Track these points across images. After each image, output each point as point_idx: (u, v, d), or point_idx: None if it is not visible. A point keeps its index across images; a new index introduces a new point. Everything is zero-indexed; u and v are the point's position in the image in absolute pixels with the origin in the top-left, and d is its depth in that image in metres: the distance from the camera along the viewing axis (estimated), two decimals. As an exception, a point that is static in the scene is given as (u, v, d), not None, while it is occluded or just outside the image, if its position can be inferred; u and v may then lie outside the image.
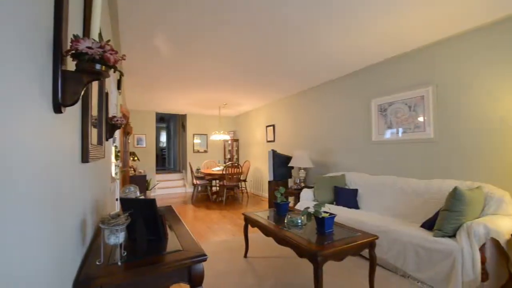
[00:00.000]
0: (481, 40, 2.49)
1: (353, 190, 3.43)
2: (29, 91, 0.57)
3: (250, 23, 2.41)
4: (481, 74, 2.50)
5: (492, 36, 2.41)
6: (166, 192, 7.35)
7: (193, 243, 1.27)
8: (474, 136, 2.55)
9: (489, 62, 2.44)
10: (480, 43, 2.50)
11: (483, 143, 2.48)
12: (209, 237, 3.45)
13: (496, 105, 2.40)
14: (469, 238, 1.87)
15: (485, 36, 2.46)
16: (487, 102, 2.46)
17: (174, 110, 7.28)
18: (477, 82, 2.53)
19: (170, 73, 3.85)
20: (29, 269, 0.55)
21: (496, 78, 2.40)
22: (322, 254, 1.69)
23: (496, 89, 2.39)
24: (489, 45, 2.44)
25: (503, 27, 2.34)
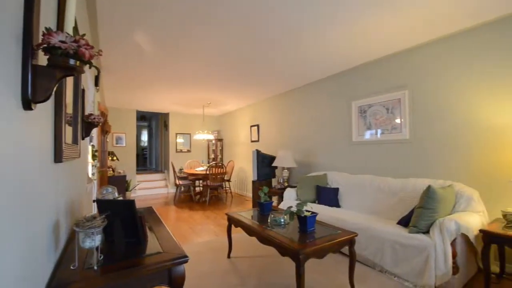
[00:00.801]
0: (454, 46, 2.64)
1: (334, 189, 3.51)
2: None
3: (235, 24, 2.40)
4: (453, 78, 2.65)
5: (464, 42, 2.57)
6: (148, 193, 7.15)
7: (174, 244, 1.25)
8: (446, 138, 2.70)
9: (460, 67, 2.59)
10: (453, 49, 2.65)
11: (454, 144, 2.63)
12: (192, 238, 3.40)
13: (466, 108, 2.55)
14: (442, 234, 1.98)
15: (458, 42, 2.61)
16: (458, 105, 2.61)
17: (156, 108, 7.10)
18: (449, 86, 2.68)
19: (151, 71, 3.75)
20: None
21: (466, 82, 2.55)
22: (304, 252, 1.72)
23: (466, 93, 2.55)
24: (461, 51, 2.59)
25: (474, 34, 2.50)
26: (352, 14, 2.27)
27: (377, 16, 2.30)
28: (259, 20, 2.36)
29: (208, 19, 2.33)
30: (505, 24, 2.29)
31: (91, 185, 2.81)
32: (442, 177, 2.68)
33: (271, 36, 2.69)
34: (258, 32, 2.60)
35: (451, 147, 2.65)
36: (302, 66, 3.66)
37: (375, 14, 2.26)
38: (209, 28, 2.49)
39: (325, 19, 2.34)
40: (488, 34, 2.40)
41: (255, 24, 2.42)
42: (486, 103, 2.42)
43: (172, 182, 7.17)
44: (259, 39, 2.75)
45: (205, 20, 2.34)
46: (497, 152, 2.34)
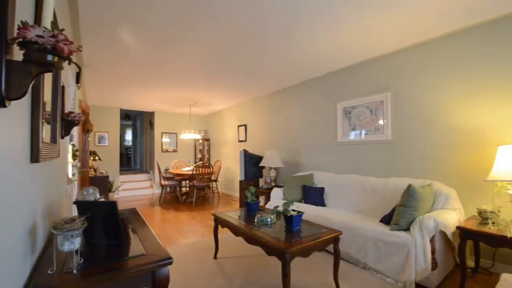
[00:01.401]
0: (433, 51, 2.75)
1: (320, 189, 3.57)
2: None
3: (222, 24, 2.39)
4: (432, 82, 2.76)
5: (442, 48, 2.68)
6: (132, 194, 6.97)
7: (158, 246, 1.22)
8: (426, 139, 2.81)
9: (440, 71, 2.71)
10: (432, 54, 2.76)
11: (433, 145, 2.75)
12: (178, 239, 3.35)
13: (444, 111, 2.67)
14: (421, 231, 2.06)
15: (436, 48, 2.73)
16: (437, 107, 2.72)
17: (141, 107, 6.93)
18: (429, 89, 2.79)
19: (136, 68, 3.66)
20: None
21: (445, 86, 2.67)
22: (290, 251, 1.73)
23: (445, 96, 2.67)
24: (439, 56, 2.71)
25: (451, 40, 2.62)
26: (338, 18, 2.31)
27: (362, 20, 2.36)
28: (247, 21, 2.36)
29: (195, 17, 2.30)
30: (479, 32, 2.41)
31: (71, 186, 2.71)
32: (422, 176, 2.78)
33: (258, 37, 2.70)
34: (246, 33, 2.59)
35: (430, 148, 2.77)
36: (289, 67, 3.70)
37: (360, 17, 2.32)
38: (196, 26, 2.47)
39: (312, 22, 2.38)
40: (463, 41, 2.52)
41: (243, 24, 2.42)
42: (463, 106, 2.54)
43: (158, 183, 7.03)
44: (247, 39, 2.74)
45: (192, 18, 2.31)
46: (473, 153, 2.46)
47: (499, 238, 1.83)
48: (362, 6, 2.15)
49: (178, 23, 2.40)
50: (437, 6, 2.15)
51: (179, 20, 2.34)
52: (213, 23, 2.41)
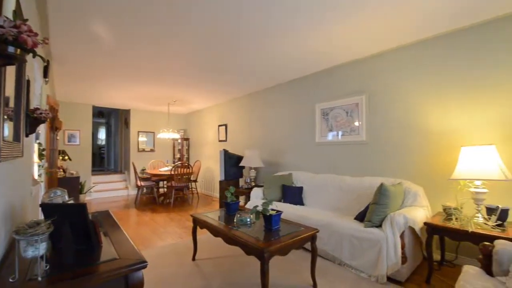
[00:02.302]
0: (406, 57, 2.91)
1: (299, 188, 3.64)
2: None
3: (202, 23, 2.35)
4: (405, 86, 2.92)
5: (415, 54, 2.85)
6: (105, 195, 6.65)
7: (132, 249, 1.18)
8: (397, 140, 2.96)
9: (411, 75, 2.87)
10: (405, 60, 2.92)
11: (404, 146, 2.91)
12: (154, 242, 3.25)
13: (415, 114, 2.84)
14: (392, 227, 2.17)
15: (409, 53, 2.89)
16: (408, 111, 2.89)
17: (116, 104, 6.63)
18: (401, 93, 2.95)
19: (110, 63, 3.49)
20: None
21: (416, 90, 2.83)
22: (268, 250, 1.75)
23: (416, 100, 2.83)
24: (412, 62, 2.87)
25: (423, 47, 2.78)
26: (309, 24, 2.37)
27: (339, 24, 2.43)
28: (227, 20, 2.34)
29: (174, 12, 2.24)
30: (450, 40, 2.59)
31: (37, 187, 2.53)
32: (393, 176, 2.94)
33: (240, 37, 2.69)
34: (226, 32, 2.58)
35: (402, 149, 2.93)
36: (269, 68, 3.73)
37: (337, 22, 2.39)
38: (175, 23, 2.41)
39: (284, 27, 2.42)
40: (432, 49, 2.69)
41: (223, 24, 2.40)
42: (431, 110, 2.71)
43: (133, 184, 6.76)
44: (227, 39, 2.73)
45: (170, 13, 2.25)
46: (439, 154, 2.64)
47: (462, 233, 1.98)
48: (334, 12, 2.21)
49: (157, 21, 2.33)
50: (410, 15, 2.27)
51: (158, 17, 2.27)
52: (192, 23, 2.37)
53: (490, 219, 2.00)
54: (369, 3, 2.09)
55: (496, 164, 2.00)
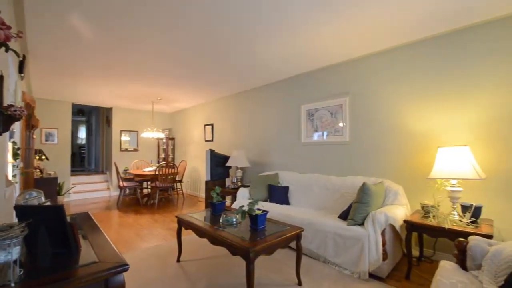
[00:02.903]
0: (386, 60, 3.01)
1: (285, 188, 3.67)
2: None
3: (189, 20, 2.32)
4: (385, 89, 3.02)
5: (394, 58, 2.95)
6: (85, 196, 6.40)
7: (113, 252, 1.14)
8: (379, 141, 3.06)
9: (391, 79, 2.97)
10: (386, 64, 3.02)
11: (385, 147, 3.01)
12: (138, 244, 3.16)
13: (395, 116, 2.94)
14: (374, 225, 2.24)
15: (389, 57, 2.99)
16: (389, 113, 2.99)
17: (97, 102, 6.40)
18: (382, 96, 3.04)
19: (92, 59, 3.36)
20: None
21: (396, 93, 2.93)
22: (254, 250, 1.75)
23: (396, 103, 2.93)
24: (391, 65, 2.97)
25: (402, 51, 2.89)
26: (301, 23, 2.40)
27: (325, 26, 2.48)
28: (215, 19, 2.32)
29: (159, 9, 2.20)
30: (426, 46, 2.70)
31: (11, 188, 2.39)
32: (375, 175, 3.03)
33: (226, 38, 2.67)
34: (213, 31, 2.55)
35: (383, 149, 3.02)
36: (256, 69, 3.74)
37: (323, 24, 2.44)
38: (160, 20, 2.36)
39: (280, 25, 2.43)
40: (412, 53, 2.80)
41: (210, 22, 2.38)
42: (411, 112, 2.82)
43: (115, 184, 6.56)
44: (214, 38, 2.70)
45: (155, 10, 2.20)
46: (418, 154, 2.75)
47: (438, 230, 2.08)
48: (320, 14, 2.26)
49: (141, 17, 2.27)
50: (389, 22, 2.35)
51: (142, 14, 2.21)
52: (179, 21, 2.33)
53: (464, 216, 2.10)
54: (353, 10, 2.14)
55: (470, 164, 2.11)
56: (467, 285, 1.38)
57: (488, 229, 1.95)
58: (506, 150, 2.22)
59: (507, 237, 2.14)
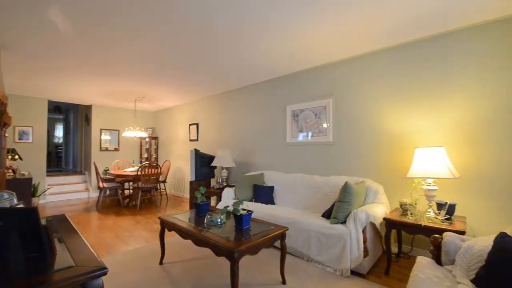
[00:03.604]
0: (368, 64, 3.11)
1: (270, 187, 3.69)
2: None
3: (173, 16, 2.27)
4: (367, 91, 3.12)
5: (375, 61, 3.05)
6: (62, 198, 6.11)
7: (91, 256, 1.10)
8: (361, 141, 3.15)
9: (372, 81, 3.07)
10: (368, 67, 3.11)
11: (366, 147, 3.10)
12: (118, 247, 3.06)
13: (375, 117, 3.04)
14: (355, 223, 2.30)
15: (371, 60, 3.09)
16: (370, 114, 3.08)
17: (75, 99, 6.13)
18: (364, 98, 3.14)
19: (70, 53, 3.21)
20: None
21: (377, 95, 3.03)
22: (238, 250, 1.75)
23: (376, 104, 3.03)
24: (372, 68, 3.07)
25: (383, 55, 2.99)
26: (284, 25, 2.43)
27: (309, 30, 2.52)
28: (201, 18, 2.29)
29: (142, 4, 2.14)
30: (404, 51, 2.81)
31: (-22, 191, 2.24)
32: (357, 174, 3.12)
33: (214, 36, 2.65)
34: (199, 29, 2.52)
35: (364, 149, 3.12)
36: (243, 69, 3.73)
37: (308, 27, 2.47)
38: (143, 15, 2.29)
39: (266, 25, 2.44)
40: (392, 57, 2.91)
41: (196, 21, 2.34)
42: (390, 114, 2.92)
43: (95, 185, 6.32)
44: (200, 36, 2.67)
45: (137, 5, 2.14)
46: (397, 154, 2.86)
47: (416, 227, 2.17)
48: (304, 15, 2.29)
49: (122, 12, 2.19)
50: (372, 27, 2.43)
51: (123, 8, 2.14)
52: (164, 17, 2.28)
53: (440, 213, 2.21)
54: (335, 14, 2.19)
55: (445, 164, 2.22)
56: (441, 279, 1.45)
57: (461, 226, 2.06)
58: (478, 151, 2.36)
59: (478, 233, 2.27)
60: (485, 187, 2.32)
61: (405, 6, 2.12)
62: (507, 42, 2.24)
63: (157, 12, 2.23)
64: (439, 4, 2.09)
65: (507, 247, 1.26)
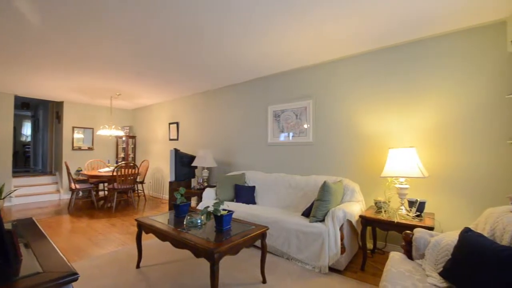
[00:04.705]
0: (345, 67, 3.21)
1: (251, 187, 3.70)
2: None
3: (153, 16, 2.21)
4: (344, 94, 3.22)
5: (351, 65, 3.16)
6: (31, 200, 5.72)
7: (60, 261, 1.04)
8: (339, 142, 3.25)
9: (349, 84, 3.18)
10: (344, 70, 3.22)
11: (343, 147, 3.20)
12: (92, 251, 2.92)
13: (352, 119, 3.15)
14: (333, 221, 2.37)
15: (347, 64, 3.19)
16: (347, 116, 3.19)
17: (45, 95, 5.75)
18: (342, 100, 3.24)
19: (39, 46, 3.00)
20: None
21: (353, 98, 3.14)
22: (218, 251, 1.73)
23: (352, 107, 3.14)
24: (349, 71, 3.18)
25: (358, 61, 3.10)
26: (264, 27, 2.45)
27: (289, 31, 2.55)
28: (183, 15, 2.24)
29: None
30: (379, 56, 2.94)
31: None
32: (336, 174, 3.21)
33: (196, 34, 2.60)
34: (181, 27, 2.47)
35: (343, 149, 3.22)
36: (225, 68, 3.70)
37: (287, 28, 2.51)
38: (122, 10, 2.20)
39: (248, 25, 2.44)
40: (366, 62, 3.03)
41: (178, 18, 2.29)
42: (366, 116, 3.04)
43: (67, 187, 5.98)
44: (182, 34, 2.61)
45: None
46: (373, 154, 2.98)
47: (389, 223, 2.28)
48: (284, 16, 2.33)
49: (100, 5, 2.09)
50: (347, 32, 2.52)
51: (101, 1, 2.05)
52: (144, 11, 2.20)
53: (411, 210, 2.34)
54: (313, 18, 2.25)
55: (416, 164, 2.35)
56: (412, 273, 1.54)
57: (430, 222, 2.19)
58: (446, 151, 2.53)
59: (445, 228, 2.43)
60: (452, 186, 2.48)
61: (381, 14, 2.22)
62: (470, 53, 2.42)
63: (135, 9, 2.15)
64: (412, 13, 2.20)
65: (470, 241, 1.36)
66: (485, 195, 2.32)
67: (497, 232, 1.38)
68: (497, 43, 2.29)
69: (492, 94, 2.31)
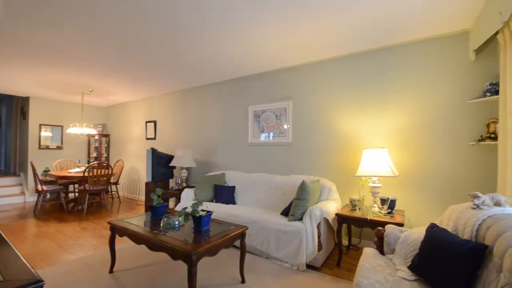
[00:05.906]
0: (323, 70, 3.30)
1: (231, 187, 3.68)
2: None
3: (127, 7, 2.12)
4: (323, 95, 3.31)
5: (331, 68, 3.25)
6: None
7: (23, 268, 0.96)
8: (317, 142, 3.34)
9: (326, 87, 3.27)
10: (321, 72, 3.31)
11: (321, 148, 3.30)
12: (61, 256, 2.75)
13: (329, 120, 3.24)
14: (311, 219, 2.43)
15: (325, 67, 3.28)
16: (325, 117, 3.28)
17: (8, 89, 5.31)
18: (321, 101, 3.33)
19: (1, 36, 2.78)
20: None
21: (331, 100, 3.24)
22: (196, 252, 1.71)
23: (331, 108, 3.24)
24: (326, 74, 3.27)
25: (338, 63, 3.20)
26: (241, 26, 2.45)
27: (265, 35, 2.58)
28: (162, 11, 2.18)
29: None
30: (354, 60, 3.06)
31: None
32: (314, 173, 3.29)
33: (174, 29, 2.53)
34: (158, 21, 2.39)
35: (320, 150, 3.31)
36: (204, 67, 3.65)
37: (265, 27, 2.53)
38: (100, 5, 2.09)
39: (225, 25, 2.42)
40: (343, 66, 3.14)
41: (154, 13, 2.22)
42: (341, 117, 3.15)
43: (32, 188, 5.57)
44: (159, 28, 2.53)
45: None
46: (348, 154, 3.09)
47: (363, 220, 2.38)
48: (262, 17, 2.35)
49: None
50: (327, 36, 2.59)
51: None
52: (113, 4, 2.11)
53: (383, 208, 2.46)
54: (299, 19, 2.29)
55: (387, 164, 2.47)
56: (384, 267, 1.62)
57: (400, 219, 2.32)
58: (415, 152, 2.69)
59: (414, 224, 2.58)
60: (420, 184, 2.65)
61: (359, 18, 2.31)
62: (437, 60, 2.59)
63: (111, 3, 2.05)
64: (385, 21, 2.32)
65: (435, 236, 1.46)
66: (450, 192, 2.50)
67: (459, 227, 1.49)
68: (461, 52, 2.47)
69: (457, 99, 2.49)
